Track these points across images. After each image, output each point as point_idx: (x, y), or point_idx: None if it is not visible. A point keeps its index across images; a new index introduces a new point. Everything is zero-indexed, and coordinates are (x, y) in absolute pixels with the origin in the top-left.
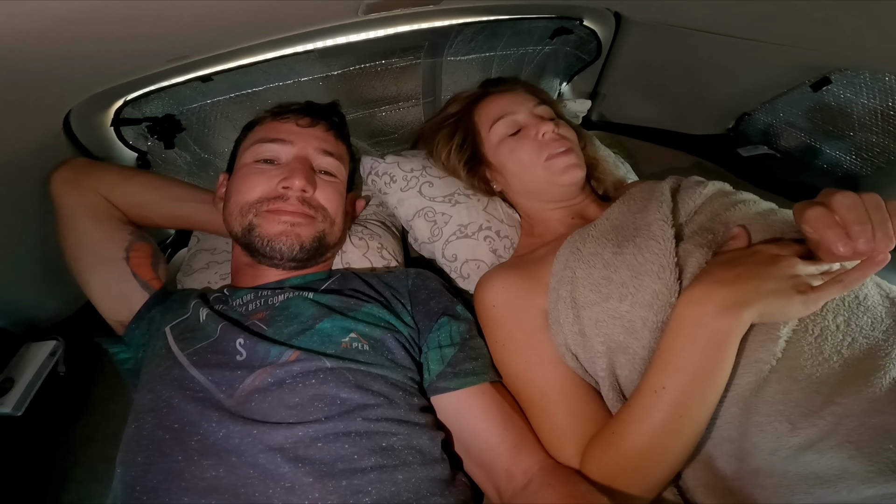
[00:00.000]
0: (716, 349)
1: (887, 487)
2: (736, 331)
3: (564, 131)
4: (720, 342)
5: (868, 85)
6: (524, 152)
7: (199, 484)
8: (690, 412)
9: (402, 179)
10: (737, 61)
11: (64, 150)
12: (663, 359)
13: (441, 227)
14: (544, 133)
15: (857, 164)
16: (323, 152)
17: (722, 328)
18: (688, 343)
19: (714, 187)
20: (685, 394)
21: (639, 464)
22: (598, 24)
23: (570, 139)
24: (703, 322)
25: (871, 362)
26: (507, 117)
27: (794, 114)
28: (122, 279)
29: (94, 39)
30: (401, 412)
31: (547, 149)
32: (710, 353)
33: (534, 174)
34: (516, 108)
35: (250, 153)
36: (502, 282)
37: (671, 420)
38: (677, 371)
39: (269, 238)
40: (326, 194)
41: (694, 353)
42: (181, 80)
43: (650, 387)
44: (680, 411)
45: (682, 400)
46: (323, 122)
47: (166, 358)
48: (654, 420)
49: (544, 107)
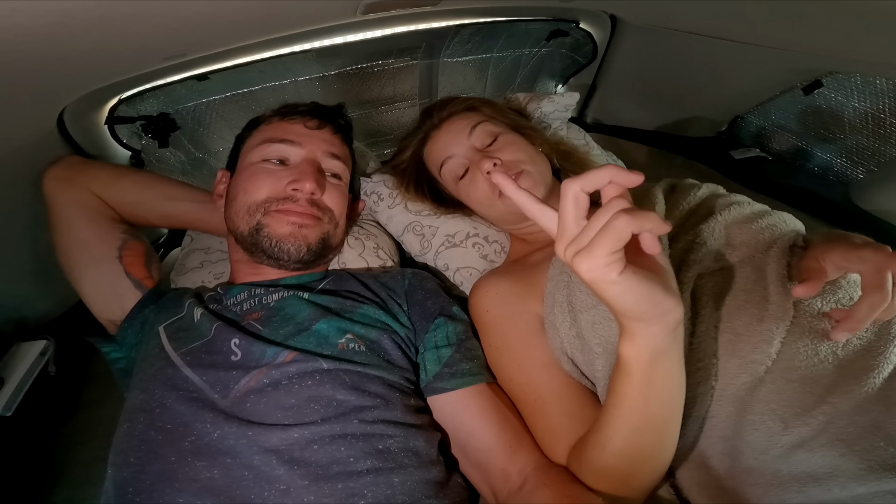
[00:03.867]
0: (621, 373)
1: (879, 485)
2: (630, 351)
3: (509, 152)
4: (622, 366)
5: (859, 88)
6: (477, 194)
7: (193, 485)
8: (639, 433)
9: (389, 197)
10: (730, 64)
11: (57, 147)
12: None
13: (430, 240)
14: (488, 172)
15: (849, 166)
16: (330, 155)
17: (621, 353)
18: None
19: (708, 189)
20: (628, 416)
21: (613, 475)
22: (593, 26)
23: (518, 158)
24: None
25: (864, 362)
26: (448, 162)
27: (786, 117)
28: (114, 278)
29: (90, 37)
30: (397, 414)
31: (496, 185)
32: (618, 377)
33: (496, 209)
34: (453, 147)
35: (257, 152)
36: (496, 287)
37: (627, 439)
38: (610, 394)
39: (278, 239)
40: (333, 197)
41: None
42: (177, 78)
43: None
44: (631, 429)
45: (628, 422)
46: (331, 125)
47: (159, 357)
48: (611, 440)
49: (480, 129)
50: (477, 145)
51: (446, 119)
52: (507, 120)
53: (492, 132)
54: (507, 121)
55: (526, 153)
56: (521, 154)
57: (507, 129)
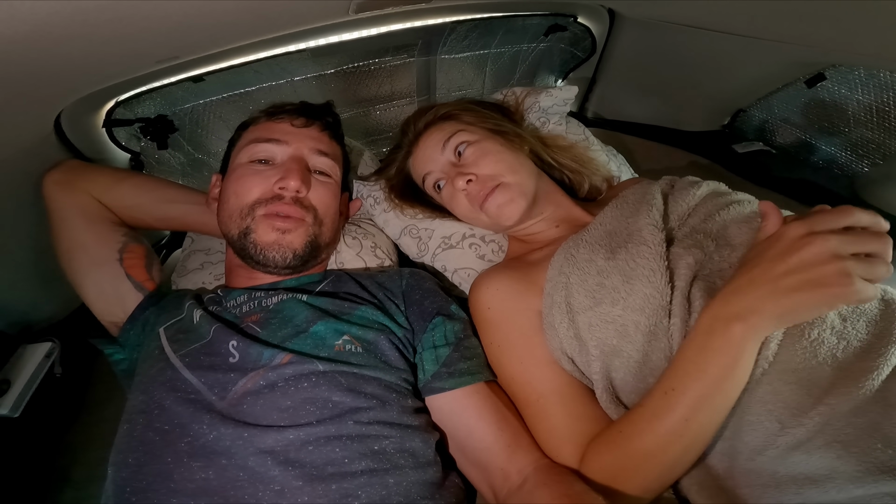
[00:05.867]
0: (726, 357)
1: (876, 487)
2: (748, 339)
3: (485, 164)
4: (730, 351)
5: (863, 81)
6: (459, 207)
7: (189, 486)
8: (697, 417)
9: (385, 200)
10: (731, 57)
11: (56, 152)
12: (677, 363)
13: (426, 242)
14: (462, 189)
15: (853, 160)
16: (318, 152)
17: (733, 337)
18: (700, 349)
19: (708, 188)
20: (694, 398)
21: (641, 465)
22: (592, 20)
23: (494, 171)
24: (715, 330)
25: (863, 364)
26: (428, 178)
27: (789, 110)
28: (115, 280)
29: (78, 42)
30: (393, 415)
31: (474, 198)
32: (720, 360)
33: (479, 220)
34: (429, 164)
35: (245, 153)
36: (497, 284)
37: (678, 423)
38: (686, 375)
39: (262, 247)
40: (319, 194)
41: (705, 359)
42: (172, 80)
43: (661, 389)
44: (687, 415)
45: (690, 404)
46: (318, 122)
47: (159, 359)
48: (662, 422)
49: (453, 141)
50: (452, 159)
51: (423, 132)
52: (489, 125)
53: (466, 142)
54: (488, 125)
55: (504, 162)
56: (499, 165)
57: (487, 135)
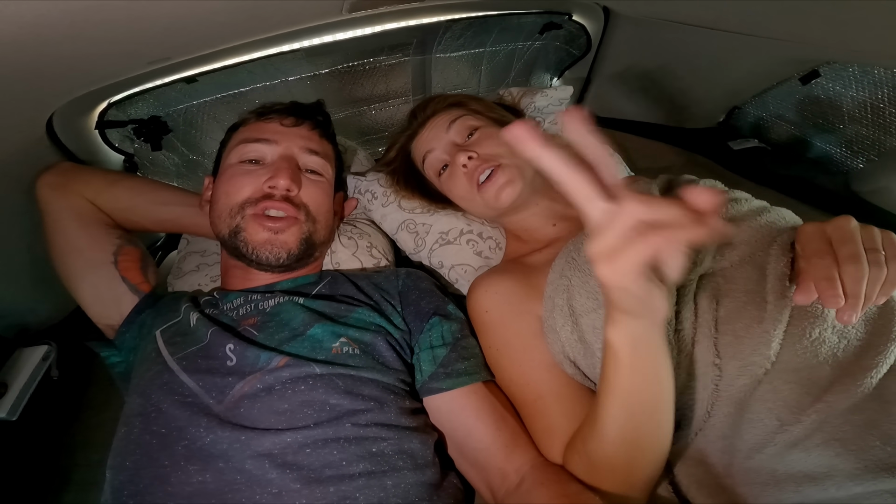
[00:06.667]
0: (609, 359)
1: (875, 484)
2: (615, 336)
3: (487, 146)
4: (608, 352)
5: (857, 78)
6: (457, 188)
7: (185, 489)
8: (634, 417)
9: (383, 195)
10: (726, 55)
11: (49, 154)
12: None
13: (423, 237)
14: (463, 164)
15: (849, 156)
16: (308, 151)
17: (606, 339)
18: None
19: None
20: (621, 400)
21: (599, 467)
22: (587, 18)
23: (496, 152)
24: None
25: (862, 362)
26: (429, 156)
27: (783, 107)
28: (111, 283)
29: (68, 43)
30: (391, 416)
31: (473, 178)
32: (608, 363)
33: (476, 204)
34: (432, 142)
35: (235, 154)
36: (496, 287)
37: (624, 425)
38: (603, 381)
39: (254, 246)
40: (311, 193)
41: (603, 364)
42: (165, 81)
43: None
44: (627, 414)
45: (622, 406)
46: (307, 122)
47: (156, 362)
48: (608, 427)
49: (458, 123)
50: (456, 140)
51: (431, 116)
52: (494, 115)
53: (472, 126)
54: (493, 115)
55: (506, 146)
56: (500, 147)
57: (491, 123)
